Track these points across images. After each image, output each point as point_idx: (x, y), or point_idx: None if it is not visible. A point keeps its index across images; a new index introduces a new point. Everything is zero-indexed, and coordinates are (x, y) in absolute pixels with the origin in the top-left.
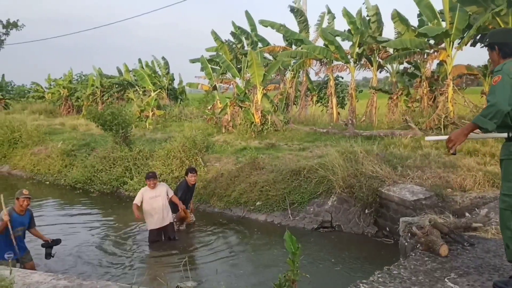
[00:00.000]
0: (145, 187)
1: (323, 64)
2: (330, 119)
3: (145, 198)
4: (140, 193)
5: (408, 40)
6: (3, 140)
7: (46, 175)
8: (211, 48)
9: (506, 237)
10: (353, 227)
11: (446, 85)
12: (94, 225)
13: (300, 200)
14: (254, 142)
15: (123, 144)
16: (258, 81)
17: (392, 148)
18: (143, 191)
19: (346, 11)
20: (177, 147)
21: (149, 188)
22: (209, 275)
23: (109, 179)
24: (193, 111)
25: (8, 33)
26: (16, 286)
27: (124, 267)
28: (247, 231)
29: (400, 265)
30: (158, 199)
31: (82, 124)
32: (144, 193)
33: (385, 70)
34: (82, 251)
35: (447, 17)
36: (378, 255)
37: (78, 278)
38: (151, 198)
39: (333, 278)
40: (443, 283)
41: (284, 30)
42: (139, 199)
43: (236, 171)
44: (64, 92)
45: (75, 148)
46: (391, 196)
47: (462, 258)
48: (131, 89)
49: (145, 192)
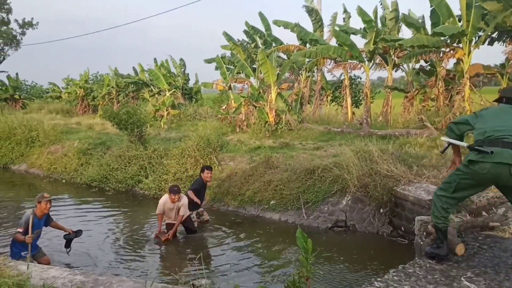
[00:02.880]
0: (166, 197)
1: (337, 63)
2: (344, 119)
3: (165, 209)
4: (162, 204)
5: (425, 38)
6: (21, 139)
7: (63, 173)
8: (226, 47)
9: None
10: (367, 226)
11: (463, 84)
12: (109, 222)
13: (314, 199)
14: (268, 141)
15: (138, 143)
16: (272, 80)
17: (408, 148)
18: (165, 202)
19: (361, 10)
20: (191, 146)
21: (170, 201)
22: (223, 273)
23: (124, 178)
24: (207, 111)
25: (24, 33)
26: (33, 280)
27: (139, 264)
28: (261, 229)
29: (415, 263)
30: (174, 211)
31: (98, 123)
32: (165, 204)
33: (400, 69)
34: (97, 247)
35: (463, 15)
36: (393, 255)
37: (94, 273)
38: (170, 209)
39: (347, 276)
40: (459, 282)
41: (298, 30)
42: (161, 209)
43: (250, 170)
44: (81, 92)
45: (91, 147)
46: (406, 196)
47: (479, 257)
48: (146, 88)
49: (166, 203)
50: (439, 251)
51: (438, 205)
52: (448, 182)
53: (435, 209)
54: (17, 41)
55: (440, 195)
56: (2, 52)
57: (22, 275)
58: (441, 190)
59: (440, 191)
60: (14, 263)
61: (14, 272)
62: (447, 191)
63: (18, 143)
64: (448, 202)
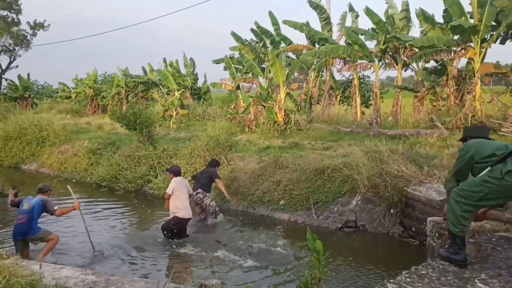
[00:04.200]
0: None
1: (346, 62)
2: (354, 119)
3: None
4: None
5: (435, 37)
6: (32, 139)
7: (73, 173)
8: (235, 48)
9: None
10: (378, 227)
11: (474, 83)
12: (119, 222)
13: (324, 199)
14: (277, 141)
15: (148, 143)
16: (281, 80)
17: (418, 148)
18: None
19: (369, 10)
20: (201, 146)
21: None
22: (233, 273)
23: (134, 177)
24: (216, 111)
25: (35, 34)
26: (45, 280)
27: (149, 264)
28: (270, 230)
29: (428, 265)
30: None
31: (107, 123)
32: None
33: (410, 69)
34: (107, 247)
35: (475, 14)
36: (404, 255)
37: (106, 273)
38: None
39: (358, 277)
40: (473, 284)
41: (307, 29)
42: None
43: (259, 170)
44: (90, 92)
45: (100, 147)
46: (417, 196)
47: (493, 258)
48: (155, 88)
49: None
50: (458, 257)
51: (458, 212)
52: (473, 192)
53: (453, 216)
54: (28, 42)
55: (461, 202)
56: (13, 53)
57: (34, 275)
58: (461, 197)
59: (460, 197)
60: (26, 262)
61: (27, 272)
62: (470, 199)
63: (29, 142)
64: (468, 211)
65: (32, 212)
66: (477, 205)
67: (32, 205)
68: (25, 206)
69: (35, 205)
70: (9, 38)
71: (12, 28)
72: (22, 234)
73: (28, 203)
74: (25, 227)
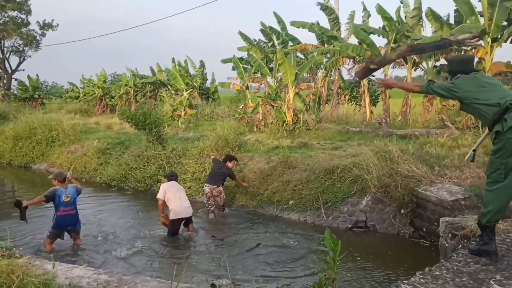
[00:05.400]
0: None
1: (356, 62)
2: (363, 118)
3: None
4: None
5: (445, 36)
6: (41, 139)
7: (82, 172)
8: (243, 48)
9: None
10: (388, 227)
11: None
12: (129, 222)
13: (334, 199)
14: (286, 141)
15: (157, 142)
16: (290, 80)
17: (428, 148)
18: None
19: (380, 7)
20: (209, 146)
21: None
22: (244, 273)
23: (143, 177)
24: (224, 110)
25: (44, 34)
26: (58, 279)
27: (161, 263)
28: (280, 230)
29: (442, 266)
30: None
31: (116, 123)
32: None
33: (420, 68)
34: (118, 247)
35: (485, 13)
36: (415, 256)
37: (118, 273)
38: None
39: (370, 278)
40: (488, 285)
41: (317, 28)
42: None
43: (268, 169)
44: (99, 92)
45: (110, 147)
46: (428, 196)
47: (508, 259)
48: (164, 88)
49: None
50: (488, 247)
51: (491, 197)
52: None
53: (488, 204)
54: (37, 42)
55: (493, 189)
56: (22, 53)
57: (48, 274)
58: (490, 184)
59: (489, 185)
60: (39, 262)
61: (40, 271)
62: (498, 177)
63: (39, 142)
64: (503, 192)
65: (75, 203)
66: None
67: (73, 197)
68: (64, 199)
69: (75, 195)
70: (19, 38)
71: (22, 28)
72: (72, 225)
73: (65, 195)
74: (75, 218)
